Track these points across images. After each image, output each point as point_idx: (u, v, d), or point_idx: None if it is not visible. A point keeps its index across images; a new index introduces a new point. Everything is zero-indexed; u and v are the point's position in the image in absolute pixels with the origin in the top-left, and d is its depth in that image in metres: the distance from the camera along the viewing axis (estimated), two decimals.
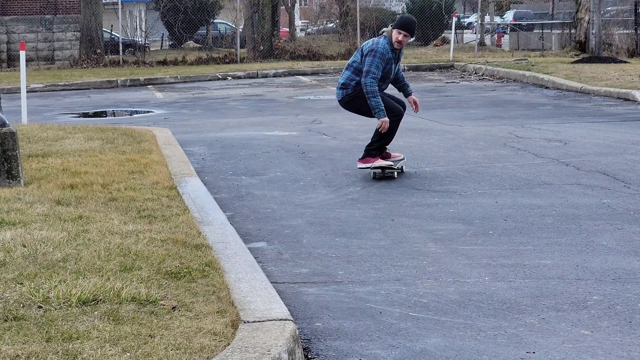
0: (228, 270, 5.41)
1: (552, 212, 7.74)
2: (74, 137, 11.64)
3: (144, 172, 8.91)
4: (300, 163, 10.76)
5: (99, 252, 5.57)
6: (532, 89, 21.13)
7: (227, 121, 15.78)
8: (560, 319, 5.04)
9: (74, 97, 22.53)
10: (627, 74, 21.62)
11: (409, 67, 28.59)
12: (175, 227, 6.46)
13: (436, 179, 9.45)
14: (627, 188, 8.71)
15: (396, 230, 7.25)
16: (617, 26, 32.28)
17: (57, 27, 33.82)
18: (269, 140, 12.93)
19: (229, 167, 10.66)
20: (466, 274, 5.93)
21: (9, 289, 4.78)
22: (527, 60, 27.48)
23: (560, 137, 12.31)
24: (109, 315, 4.41)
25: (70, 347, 3.98)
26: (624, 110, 15.96)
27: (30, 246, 5.65)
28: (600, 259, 6.27)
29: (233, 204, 8.46)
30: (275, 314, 4.52)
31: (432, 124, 14.26)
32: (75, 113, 18.75)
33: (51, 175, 8.60)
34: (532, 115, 15.28)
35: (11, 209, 6.90)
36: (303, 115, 16.26)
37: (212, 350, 4.02)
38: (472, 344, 4.66)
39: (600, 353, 4.50)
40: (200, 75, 27.52)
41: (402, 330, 4.89)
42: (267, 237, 7.13)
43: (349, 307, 5.31)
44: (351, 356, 4.52)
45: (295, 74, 28.17)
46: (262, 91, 22.57)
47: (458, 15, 42.70)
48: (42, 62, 33.38)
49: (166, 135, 12.45)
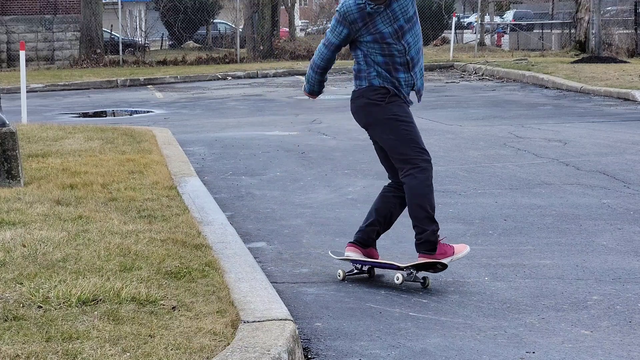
0: (228, 270, 5.41)
1: (552, 212, 7.74)
2: (74, 137, 11.64)
3: (143, 172, 8.90)
4: (300, 163, 10.76)
5: (99, 252, 5.56)
6: (532, 88, 21.13)
7: (227, 121, 15.78)
8: (560, 319, 5.03)
9: (74, 97, 22.53)
10: (627, 73, 21.62)
11: None
12: (175, 227, 6.46)
13: (436, 179, 9.38)
14: (627, 188, 8.71)
15: (396, 230, 7.24)
16: (617, 26, 32.28)
17: (57, 27, 33.81)
18: (269, 140, 12.93)
19: (229, 167, 10.66)
20: (466, 274, 5.93)
21: (9, 289, 4.78)
22: (527, 60, 27.48)
23: (560, 137, 12.30)
24: (109, 315, 4.41)
25: (70, 347, 3.98)
26: (624, 110, 15.96)
27: (30, 246, 5.65)
28: (600, 259, 6.27)
29: (233, 204, 8.46)
30: (275, 314, 4.52)
31: (432, 124, 14.26)
32: (75, 113, 18.75)
33: (51, 175, 8.60)
34: (532, 115, 15.28)
35: (11, 208, 6.90)
36: (303, 115, 16.26)
37: (212, 350, 4.02)
38: (472, 344, 4.65)
39: (600, 353, 4.50)
40: (200, 75, 27.52)
41: (402, 330, 4.89)
42: (267, 237, 7.13)
43: (349, 307, 5.31)
44: (351, 356, 4.52)
45: (295, 73, 28.17)
46: (262, 91, 22.57)
47: (458, 15, 42.71)
48: (42, 62, 33.37)
49: (166, 135, 12.45)
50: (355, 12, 5.55)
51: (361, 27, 5.59)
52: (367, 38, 5.59)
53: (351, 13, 5.56)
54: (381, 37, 5.57)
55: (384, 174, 6.12)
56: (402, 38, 5.59)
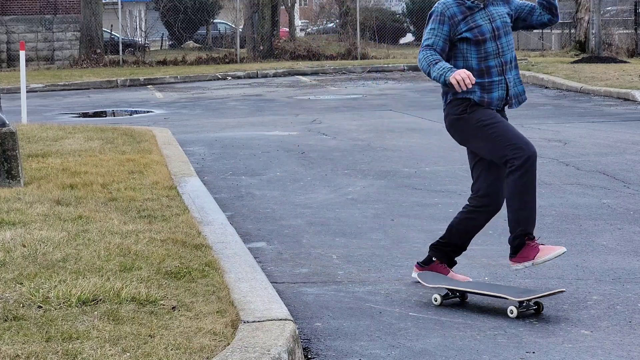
0: (228, 270, 5.41)
1: (552, 212, 7.74)
2: (74, 137, 11.64)
3: (143, 172, 8.90)
4: (300, 163, 10.76)
5: (99, 252, 5.56)
6: (532, 88, 21.13)
7: (227, 121, 15.78)
8: (560, 319, 5.04)
9: (74, 97, 22.53)
10: (627, 73, 21.62)
11: (408, 67, 28.58)
12: (175, 227, 6.46)
13: (436, 179, 9.44)
14: (627, 188, 8.71)
15: (396, 230, 7.24)
16: (617, 26, 32.28)
17: (57, 27, 33.80)
18: (269, 140, 12.93)
19: (229, 167, 10.66)
20: (466, 274, 5.93)
21: (9, 289, 4.78)
22: (527, 60, 27.47)
23: (560, 137, 12.30)
24: (109, 315, 4.41)
25: (70, 347, 3.98)
26: (624, 110, 15.96)
27: (30, 246, 5.65)
28: (600, 259, 6.27)
29: (233, 204, 8.46)
30: (275, 314, 4.52)
31: (432, 124, 14.25)
32: (75, 113, 18.75)
33: (51, 175, 8.60)
34: (532, 115, 15.27)
35: (11, 208, 6.90)
36: (303, 115, 16.25)
37: (212, 350, 4.02)
38: (472, 343, 4.66)
39: (600, 353, 4.50)
40: (200, 75, 27.52)
41: (402, 330, 4.89)
42: (267, 237, 7.13)
43: (349, 307, 5.31)
44: (351, 356, 4.52)
45: (295, 74, 28.17)
46: (261, 91, 22.57)
47: None
48: (42, 62, 33.36)
49: (166, 135, 12.45)
50: (454, 6, 5.47)
51: (460, 20, 5.45)
52: (465, 35, 5.43)
53: (450, 7, 5.47)
54: (480, 33, 5.44)
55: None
56: (497, 39, 5.49)
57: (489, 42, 5.48)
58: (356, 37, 34.30)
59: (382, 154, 11.13)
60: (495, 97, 5.49)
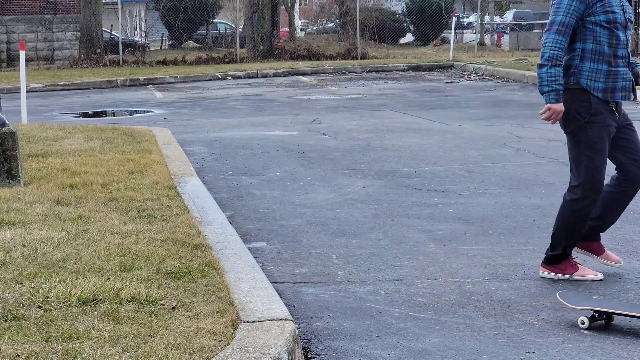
0: (228, 270, 5.41)
1: (552, 212, 7.72)
2: (74, 137, 11.64)
3: (143, 172, 8.90)
4: (300, 163, 10.76)
5: (99, 252, 5.56)
6: (532, 88, 21.12)
7: (226, 121, 15.78)
8: (560, 319, 5.04)
9: (74, 97, 22.53)
10: None
11: (408, 67, 28.59)
12: (175, 227, 6.46)
13: (436, 179, 9.44)
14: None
15: (396, 230, 7.24)
16: None
17: (56, 27, 33.81)
18: (269, 140, 12.93)
19: (229, 167, 10.66)
20: (466, 274, 5.93)
21: (9, 289, 4.78)
22: (527, 60, 27.48)
23: (561, 137, 12.27)
24: (109, 315, 4.41)
25: (70, 347, 3.98)
26: (624, 110, 15.94)
27: (30, 246, 5.65)
28: None
29: (233, 203, 8.46)
30: (275, 314, 4.52)
31: (432, 123, 14.26)
32: (75, 113, 18.75)
33: (51, 175, 8.60)
34: (532, 115, 15.26)
35: (11, 208, 6.90)
36: (303, 115, 16.26)
37: (211, 350, 4.02)
38: (472, 343, 4.66)
39: (600, 353, 4.50)
40: (200, 75, 27.52)
41: (402, 330, 4.89)
42: (267, 237, 7.13)
43: (349, 307, 5.31)
44: (351, 356, 4.52)
45: (295, 73, 28.17)
46: (261, 91, 22.57)
47: (458, 15, 42.73)
48: (42, 62, 33.37)
49: (166, 135, 12.45)
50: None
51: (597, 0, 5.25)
52: (600, 17, 5.27)
53: None
54: (614, 19, 5.28)
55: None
56: (626, 31, 5.38)
57: (620, 31, 5.36)
58: (356, 37, 34.31)
59: (382, 153, 11.14)
60: (619, 87, 5.56)
